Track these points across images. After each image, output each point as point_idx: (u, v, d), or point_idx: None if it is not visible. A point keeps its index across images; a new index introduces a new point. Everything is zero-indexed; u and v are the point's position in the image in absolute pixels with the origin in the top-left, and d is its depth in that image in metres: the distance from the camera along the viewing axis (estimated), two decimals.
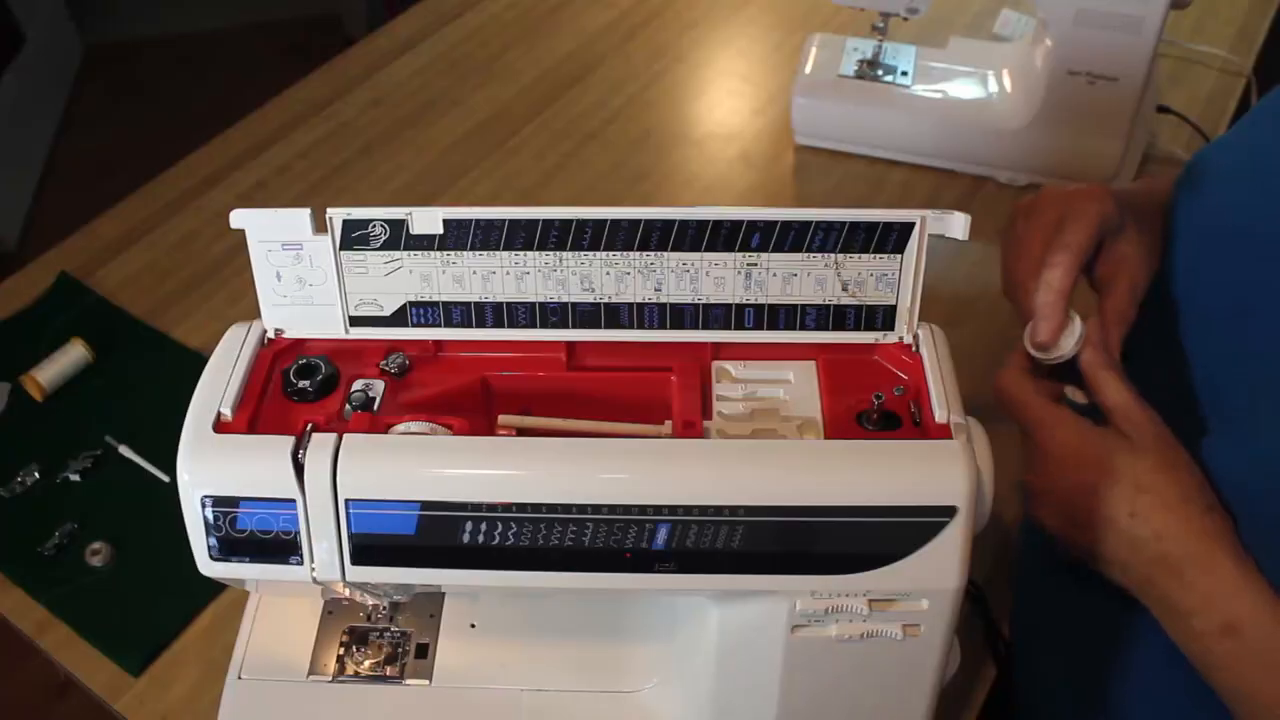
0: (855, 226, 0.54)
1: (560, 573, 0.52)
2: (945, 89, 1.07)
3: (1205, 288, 0.61)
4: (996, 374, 0.63)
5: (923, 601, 0.53)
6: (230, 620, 0.75)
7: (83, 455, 0.85)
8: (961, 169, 1.09)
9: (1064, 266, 0.60)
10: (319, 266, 0.56)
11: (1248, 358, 0.56)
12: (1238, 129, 0.64)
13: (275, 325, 0.58)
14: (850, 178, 1.10)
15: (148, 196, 1.09)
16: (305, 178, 1.11)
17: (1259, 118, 0.62)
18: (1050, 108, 1.00)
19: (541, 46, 1.28)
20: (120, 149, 2.47)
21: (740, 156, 1.13)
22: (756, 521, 0.50)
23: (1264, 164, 0.58)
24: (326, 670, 0.66)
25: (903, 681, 0.57)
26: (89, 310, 0.96)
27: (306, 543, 0.52)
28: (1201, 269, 0.61)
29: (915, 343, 0.57)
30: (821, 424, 0.55)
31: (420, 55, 1.27)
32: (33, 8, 2.52)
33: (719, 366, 0.58)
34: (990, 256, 0.71)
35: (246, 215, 0.55)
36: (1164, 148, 1.10)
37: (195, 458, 0.52)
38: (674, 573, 0.52)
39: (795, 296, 0.56)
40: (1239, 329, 0.57)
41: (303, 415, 0.54)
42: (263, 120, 1.17)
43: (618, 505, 0.50)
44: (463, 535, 0.51)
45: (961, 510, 0.50)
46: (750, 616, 0.56)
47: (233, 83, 2.55)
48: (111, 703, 0.72)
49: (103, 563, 0.78)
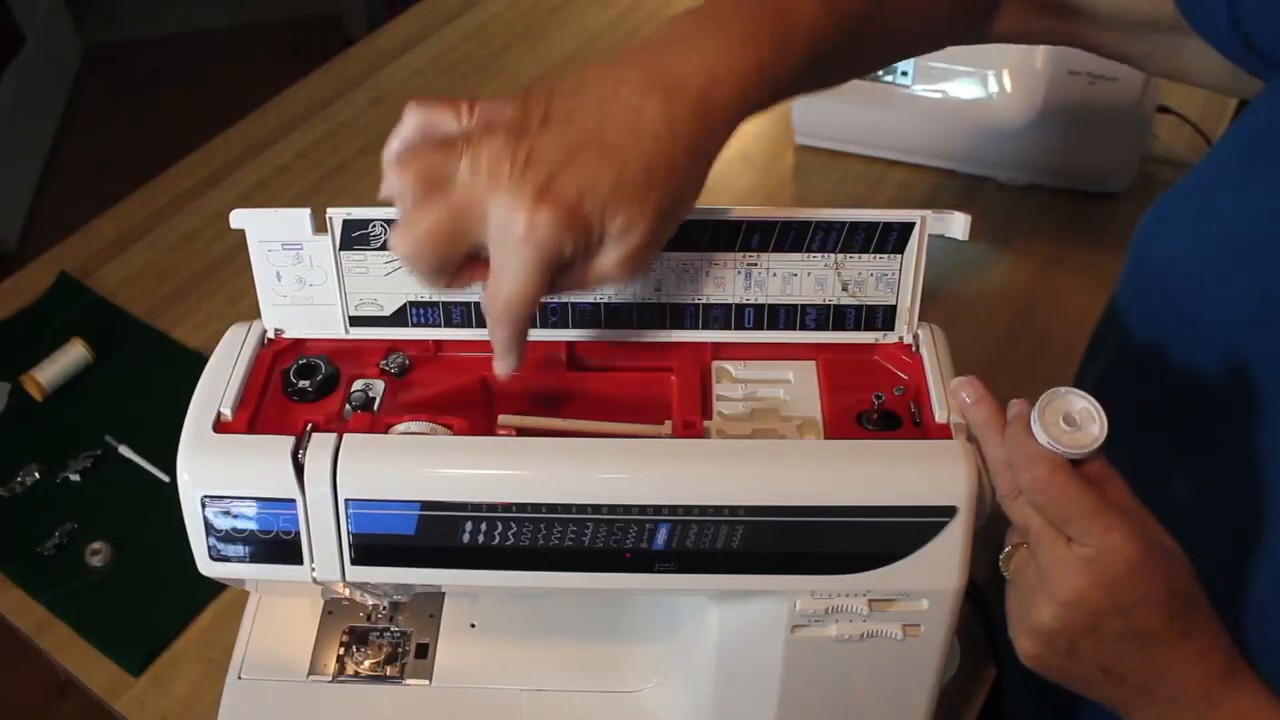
0: (855, 226, 0.54)
1: (560, 573, 0.52)
2: (945, 89, 1.07)
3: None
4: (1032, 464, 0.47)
5: (923, 601, 0.53)
6: (230, 620, 0.75)
7: (83, 455, 0.85)
8: (961, 169, 1.09)
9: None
10: (319, 266, 0.56)
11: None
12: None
13: (275, 325, 0.58)
14: (850, 178, 1.10)
15: (148, 196, 1.09)
16: (305, 178, 1.11)
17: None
18: (1050, 108, 1.00)
19: (541, 46, 1.28)
20: (120, 149, 2.47)
21: (740, 156, 1.12)
22: (756, 521, 0.50)
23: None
24: (326, 670, 0.66)
25: (903, 681, 0.57)
26: (89, 310, 0.96)
27: (306, 543, 0.52)
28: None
29: (915, 343, 0.57)
30: (821, 424, 0.55)
31: (420, 55, 1.27)
32: (33, 8, 2.52)
33: (719, 366, 0.58)
34: (990, 256, 0.71)
35: (246, 215, 0.55)
36: (1164, 148, 1.10)
37: (195, 458, 0.52)
38: (674, 573, 0.52)
39: (795, 296, 0.56)
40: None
41: (303, 415, 0.54)
42: (263, 120, 1.17)
43: (618, 505, 0.50)
44: (463, 535, 0.51)
45: (961, 510, 0.50)
46: (750, 616, 0.56)
47: (233, 83, 2.55)
48: (111, 703, 0.72)
49: (103, 563, 0.78)
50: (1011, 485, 0.48)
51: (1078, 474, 0.46)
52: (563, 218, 0.44)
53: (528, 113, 0.46)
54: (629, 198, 0.45)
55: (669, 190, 0.47)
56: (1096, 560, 0.46)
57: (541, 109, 0.46)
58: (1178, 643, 0.47)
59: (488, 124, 0.46)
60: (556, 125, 0.46)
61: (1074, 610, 0.47)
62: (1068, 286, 0.98)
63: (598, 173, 0.45)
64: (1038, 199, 1.06)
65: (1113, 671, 0.49)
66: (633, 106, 0.46)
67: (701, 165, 0.48)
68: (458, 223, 0.45)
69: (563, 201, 0.44)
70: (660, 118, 0.46)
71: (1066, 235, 1.02)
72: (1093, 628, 0.47)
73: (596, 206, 0.45)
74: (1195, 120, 1.09)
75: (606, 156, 0.45)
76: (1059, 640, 0.48)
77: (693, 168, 0.48)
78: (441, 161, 0.46)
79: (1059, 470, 0.46)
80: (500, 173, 0.44)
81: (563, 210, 0.44)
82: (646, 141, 0.46)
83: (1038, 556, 0.48)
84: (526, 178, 0.44)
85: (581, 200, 0.44)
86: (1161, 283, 0.57)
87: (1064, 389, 0.47)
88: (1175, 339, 0.57)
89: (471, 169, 0.45)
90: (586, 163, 0.45)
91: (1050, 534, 0.47)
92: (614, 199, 0.45)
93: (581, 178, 0.45)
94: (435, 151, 0.46)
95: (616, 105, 0.46)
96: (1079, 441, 0.46)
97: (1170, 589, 0.46)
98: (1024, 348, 0.92)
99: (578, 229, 0.45)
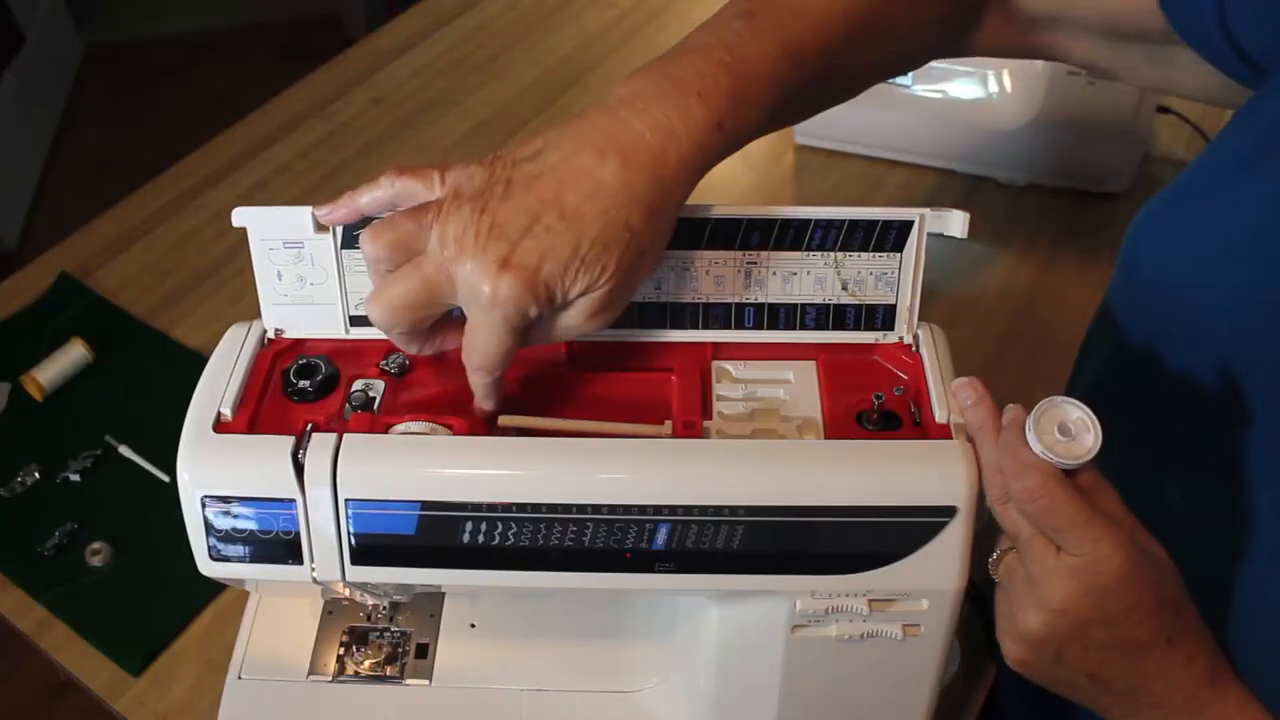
0: (854, 224, 0.54)
1: (560, 573, 0.52)
2: (945, 89, 1.07)
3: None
4: (1024, 475, 0.47)
5: (923, 601, 0.53)
6: (230, 620, 0.75)
7: (83, 455, 0.85)
8: (961, 169, 1.09)
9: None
10: (320, 265, 0.56)
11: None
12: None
13: (275, 325, 0.58)
14: (850, 178, 1.10)
15: (148, 196, 1.09)
16: (305, 178, 1.11)
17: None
18: (1050, 108, 1.00)
19: (541, 46, 1.28)
20: (120, 149, 2.48)
21: (740, 156, 1.11)
22: (756, 521, 0.50)
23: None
24: (326, 670, 0.66)
25: (903, 681, 0.57)
26: (89, 310, 0.96)
27: (306, 543, 0.52)
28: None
29: (915, 342, 0.57)
30: (821, 424, 0.55)
31: (420, 55, 1.27)
32: (33, 8, 2.52)
33: (719, 366, 0.58)
34: (990, 256, 0.71)
35: (248, 213, 0.55)
36: (1164, 148, 1.10)
37: (195, 458, 0.52)
38: (674, 573, 0.52)
39: (795, 296, 0.56)
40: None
41: (303, 415, 0.54)
42: (263, 120, 1.17)
43: (618, 505, 0.50)
44: (463, 535, 0.51)
45: (961, 510, 0.50)
46: (750, 616, 0.56)
47: (233, 83, 2.55)
48: (111, 703, 0.72)
49: (103, 563, 0.78)
50: (1002, 490, 0.49)
51: (1069, 484, 0.46)
52: (524, 284, 0.46)
53: (492, 181, 0.48)
54: (589, 260, 0.47)
55: (629, 249, 0.48)
56: (1087, 570, 0.46)
57: (505, 176, 0.48)
58: (1164, 650, 0.48)
59: (455, 193, 0.49)
60: (518, 194, 0.48)
61: (1062, 618, 0.47)
62: (1068, 286, 0.98)
63: (557, 239, 0.47)
64: (1038, 199, 1.06)
65: (1099, 677, 0.49)
66: (589, 170, 0.48)
67: (661, 222, 0.50)
68: (429, 289, 0.49)
69: (524, 269, 0.46)
70: (616, 180, 0.47)
71: (1066, 235, 1.03)
72: (1080, 635, 0.47)
73: (557, 270, 0.47)
74: (1195, 120, 1.09)
75: (566, 221, 0.47)
76: (1046, 646, 0.49)
77: (651, 226, 0.49)
78: (414, 230, 0.49)
79: (1051, 480, 0.46)
80: (466, 243, 0.47)
81: (523, 277, 0.46)
82: (603, 203, 0.47)
83: (1027, 564, 0.48)
84: (488, 249, 0.46)
85: (541, 266, 0.47)
86: (1152, 286, 0.57)
87: (1060, 398, 0.47)
88: (1165, 343, 0.57)
89: (440, 240, 0.48)
90: (546, 229, 0.47)
91: (1040, 542, 0.47)
92: (573, 262, 0.47)
93: (542, 244, 0.46)
94: (408, 221, 0.49)
95: (574, 169, 0.48)
96: (1073, 452, 0.46)
97: (1159, 598, 0.47)
98: (1024, 348, 0.92)
99: (539, 293, 0.47)
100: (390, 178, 0.52)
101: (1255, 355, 0.51)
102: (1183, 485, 0.58)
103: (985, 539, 0.52)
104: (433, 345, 0.54)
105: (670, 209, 0.50)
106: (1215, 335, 0.53)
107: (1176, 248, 0.56)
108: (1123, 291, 0.61)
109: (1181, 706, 0.49)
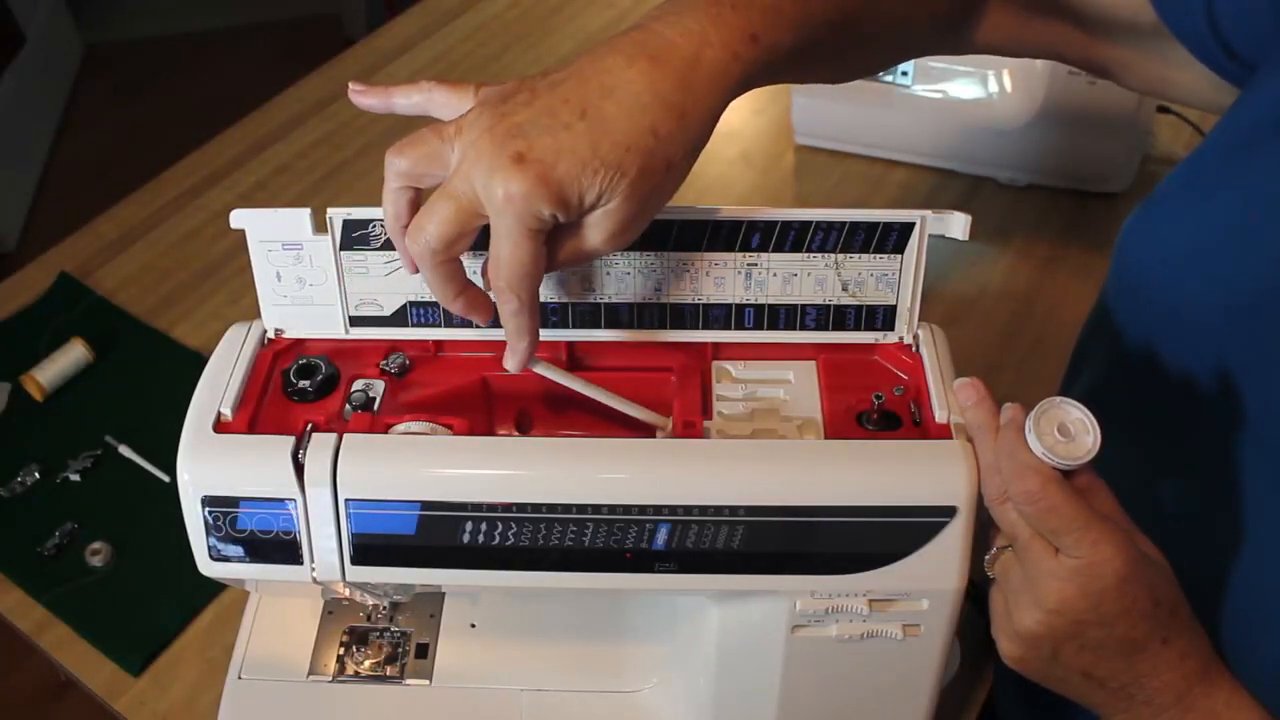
0: (855, 226, 0.54)
1: (560, 573, 0.52)
2: (945, 89, 1.07)
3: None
4: (1020, 477, 0.47)
5: (923, 601, 0.53)
6: (230, 620, 0.75)
7: (83, 455, 0.85)
8: (961, 169, 1.09)
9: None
10: (319, 266, 0.56)
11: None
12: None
13: (275, 325, 0.58)
14: (850, 178, 1.10)
15: (148, 196, 1.08)
16: (305, 178, 1.11)
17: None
18: (1050, 108, 1.00)
19: (541, 46, 1.28)
20: (120, 149, 2.48)
21: (740, 156, 1.12)
22: (756, 521, 0.50)
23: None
24: (326, 670, 0.66)
25: (903, 681, 0.57)
26: (89, 310, 0.96)
27: (306, 543, 0.52)
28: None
29: (915, 343, 0.57)
30: (821, 424, 0.55)
31: (420, 55, 1.27)
32: (33, 8, 2.52)
33: (719, 366, 0.58)
34: (990, 256, 0.71)
35: (247, 215, 0.55)
36: (1164, 148, 1.10)
37: (195, 458, 0.52)
38: (674, 573, 0.52)
39: (795, 296, 0.56)
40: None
41: (303, 415, 0.54)
42: (263, 120, 1.17)
43: (618, 505, 0.50)
44: (463, 535, 0.51)
45: (961, 510, 0.50)
46: (750, 616, 0.56)
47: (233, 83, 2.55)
48: (111, 703, 0.72)
49: (103, 563, 0.78)
50: (1000, 490, 0.49)
51: (1068, 486, 0.46)
52: (537, 179, 0.44)
53: (518, 89, 0.47)
54: (608, 162, 0.45)
55: (653, 157, 0.46)
56: (1085, 571, 0.46)
57: (531, 85, 0.47)
58: (1159, 650, 0.48)
59: (481, 102, 0.48)
60: (541, 98, 0.46)
61: (1059, 618, 0.47)
62: (1068, 286, 0.98)
63: (576, 137, 0.45)
64: (1038, 199, 1.06)
65: (1094, 676, 0.49)
66: (616, 70, 0.46)
67: (689, 133, 0.47)
68: (457, 204, 0.46)
69: (539, 164, 0.44)
70: (644, 81, 0.46)
71: (1066, 235, 1.02)
72: (1076, 635, 0.48)
73: (574, 169, 0.45)
74: (1195, 120, 1.09)
75: (586, 120, 0.45)
76: (1042, 645, 0.49)
77: (679, 134, 0.47)
78: (438, 145, 0.47)
79: (1050, 482, 0.46)
80: (483, 145, 0.45)
81: (538, 173, 0.44)
82: (627, 104, 0.45)
83: (1025, 564, 0.48)
84: (505, 145, 0.45)
85: (557, 164, 0.44)
86: (1140, 286, 0.57)
87: (1059, 399, 0.48)
88: (1156, 341, 0.57)
89: (462, 150, 0.46)
90: (564, 127, 0.45)
91: (1039, 543, 0.47)
92: (591, 161, 0.45)
93: (560, 141, 0.45)
94: (433, 135, 0.47)
95: (602, 74, 0.46)
96: (1073, 453, 0.47)
97: (1154, 599, 0.47)
98: (1024, 348, 0.92)
99: (554, 192, 0.45)
100: (428, 84, 0.51)
101: (1243, 352, 0.51)
102: (1177, 483, 0.58)
103: (981, 536, 0.52)
104: (469, 296, 0.50)
105: (700, 121, 0.47)
106: (1204, 333, 0.53)
107: (1163, 247, 0.56)
108: (1115, 292, 0.61)
109: (1174, 704, 0.49)
